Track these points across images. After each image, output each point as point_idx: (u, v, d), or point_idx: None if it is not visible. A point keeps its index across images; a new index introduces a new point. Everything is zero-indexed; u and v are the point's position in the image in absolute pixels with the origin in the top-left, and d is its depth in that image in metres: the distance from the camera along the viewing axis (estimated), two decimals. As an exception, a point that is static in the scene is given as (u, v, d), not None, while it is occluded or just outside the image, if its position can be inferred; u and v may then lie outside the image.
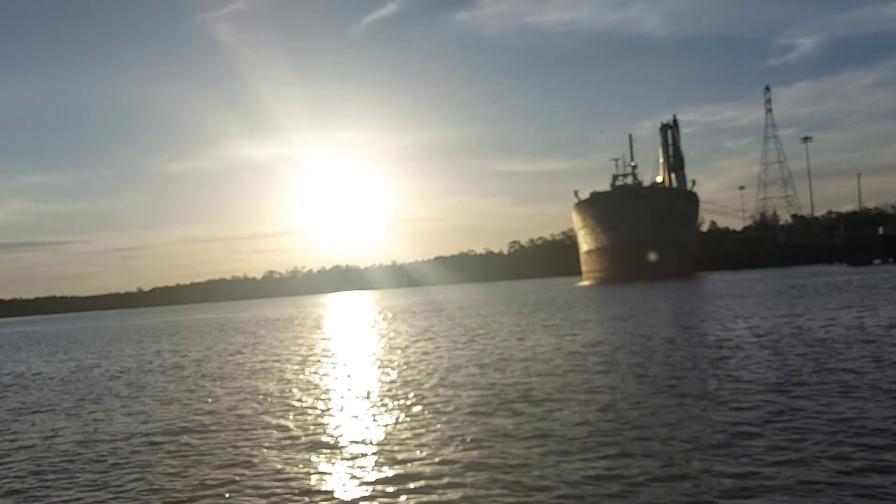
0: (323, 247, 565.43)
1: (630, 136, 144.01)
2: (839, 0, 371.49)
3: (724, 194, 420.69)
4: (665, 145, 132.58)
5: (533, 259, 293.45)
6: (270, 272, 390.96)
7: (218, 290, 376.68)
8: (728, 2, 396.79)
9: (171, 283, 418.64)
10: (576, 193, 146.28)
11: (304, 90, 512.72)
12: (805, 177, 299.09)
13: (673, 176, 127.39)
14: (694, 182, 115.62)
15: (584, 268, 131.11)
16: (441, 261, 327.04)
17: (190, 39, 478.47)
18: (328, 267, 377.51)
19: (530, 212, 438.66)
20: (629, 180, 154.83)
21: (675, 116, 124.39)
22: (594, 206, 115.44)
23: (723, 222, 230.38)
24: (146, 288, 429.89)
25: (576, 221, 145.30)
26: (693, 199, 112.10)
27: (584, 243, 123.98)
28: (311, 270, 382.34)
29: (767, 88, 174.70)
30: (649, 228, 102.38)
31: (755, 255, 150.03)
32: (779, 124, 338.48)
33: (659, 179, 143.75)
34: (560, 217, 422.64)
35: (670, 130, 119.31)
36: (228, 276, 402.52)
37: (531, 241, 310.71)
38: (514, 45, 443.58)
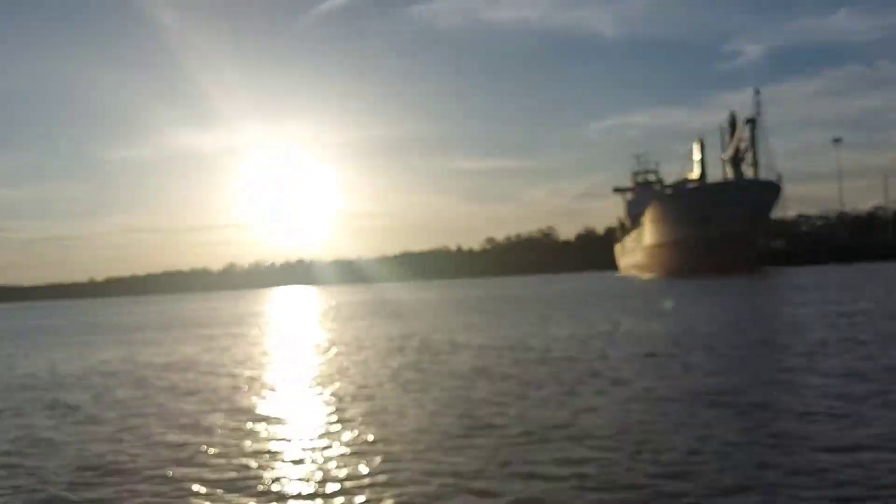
0: (269, 240, 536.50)
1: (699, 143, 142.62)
2: (786, 9, 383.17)
3: None
4: (737, 138, 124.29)
5: (513, 256, 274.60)
6: (231, 264, 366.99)
7: (174, 282, 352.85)
8: (680, 6, 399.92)
9: (125, 274, 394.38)
10: (620, 189, 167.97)
11: (250, 79, 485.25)
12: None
13: (729, 169, 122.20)
14: (780, 176, 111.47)
15: (644, 261, 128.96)
16: (409, 257, 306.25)
17: (131, 23, 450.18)
18: (274, 261, 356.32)
19: (480, 210, 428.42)
20: (651, 177, 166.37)
21: (757, 110, 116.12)
22: (678, 199, 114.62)
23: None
24: (98, 278, 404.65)
25: (624, 216, 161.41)
26: (778, 192, 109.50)
27: (650, 237, 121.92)
28: (255, 264, 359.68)
29: (758, 91, 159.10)
30: (746, 221, 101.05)
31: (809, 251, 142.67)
32: (727, 128, 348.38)
33: (693, 175, 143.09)
34: (515, 215, 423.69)
35: (751, 124, 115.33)
36: (186, 269, 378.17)
37: (507, 238, 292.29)
38: (468, 41, 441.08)
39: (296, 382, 18.59)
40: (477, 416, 12.76)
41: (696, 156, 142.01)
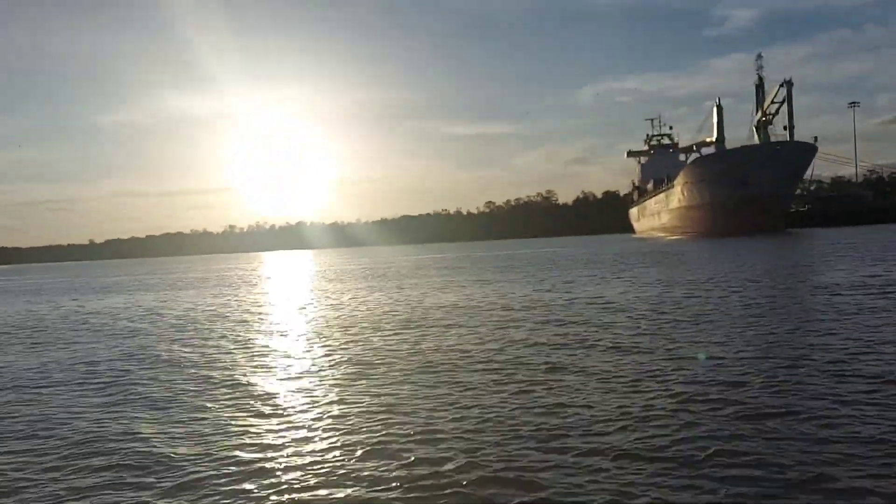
0: (264, 204, 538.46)
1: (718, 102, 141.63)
2: None
3: None
4: (768, 101, 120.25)
5: (513, 219, 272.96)
6: (231, 227, 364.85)
7: (173, 244, 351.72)
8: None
9: (124, 236, 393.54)
10: (634, 153, 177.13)
11: (242, 43, 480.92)
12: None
13: (755, 132, 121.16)
14: (816, 138, 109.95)
15: (673, 223, 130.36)
16: (408, 220, 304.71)
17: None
18: (274, 224, 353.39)
19: (473, 175, 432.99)
20: (665, 140, 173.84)
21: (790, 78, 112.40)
22: (716, 161, 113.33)
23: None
24: (99, 240, 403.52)
25: (639, 179, 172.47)
26: (814, 153, 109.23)
27: (681, 198, 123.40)
28: (254, 226, 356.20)
29: (759, 56, 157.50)
30: (784, 183, 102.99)
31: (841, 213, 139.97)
32: (713, 95, 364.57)
33: (710, 139, 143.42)
34: (509, 179, 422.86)
35: (788, 86, 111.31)
36: (186, 231, 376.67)
37: (507, 201, 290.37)
38: (460, 5, 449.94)
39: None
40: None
41: (714, 118, 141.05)
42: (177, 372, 14.60)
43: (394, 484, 7.63)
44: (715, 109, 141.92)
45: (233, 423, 10.27)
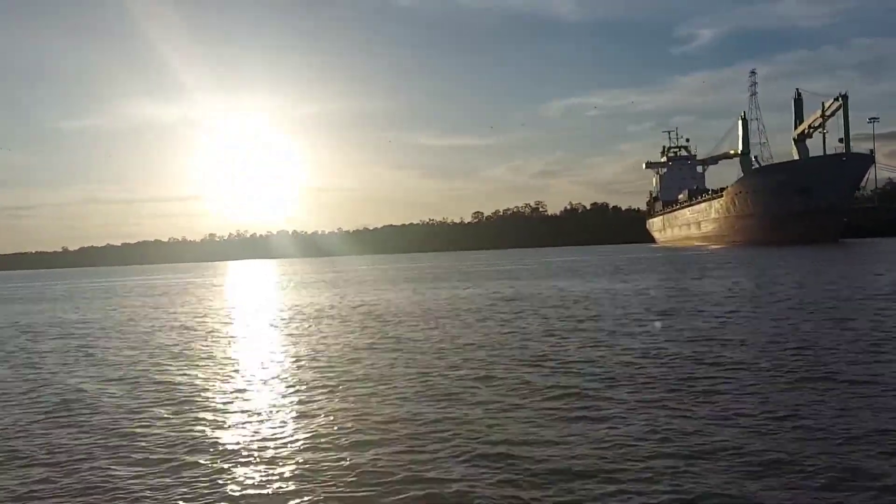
0: (229, 213, 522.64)
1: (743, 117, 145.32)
2: None
3: (625, 176, 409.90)
4: (799, 115, 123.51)
5: (501, 230, 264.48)
6: (211, 235, 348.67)
7: (150, 253, 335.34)
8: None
9: (100, 244, 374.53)
10: (652, 164, 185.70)
11: (209, 50, 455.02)
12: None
13: (794, 145, 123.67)
14: (872, 150, 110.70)
15: (718, 232, 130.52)
16: (389, 230, 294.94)
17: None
18: (235, 234, 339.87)
19: (443, 186, 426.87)
20: (683, 152, 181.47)
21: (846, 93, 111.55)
22: (775, 172, 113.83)
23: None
24: (71, 247, 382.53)
25: (657, 189, 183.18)
26: (871, 163, 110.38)
27: (730, 209, 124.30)
28: (216, 237, 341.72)
29: (753, 72, 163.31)
30: (846, 193, 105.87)
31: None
32: (676, 111, 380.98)
33: (734, 151, 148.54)
34: (476, 191, 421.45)
35: (844, 100, 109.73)
36: (162, 238, 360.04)
37: (496, 212, 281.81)
38: (430, 18, 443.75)
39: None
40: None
41: (740, 131, 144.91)
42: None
43: (344, 484, 7.84)
44: (740, 123, 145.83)
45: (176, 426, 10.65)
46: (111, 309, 38.31)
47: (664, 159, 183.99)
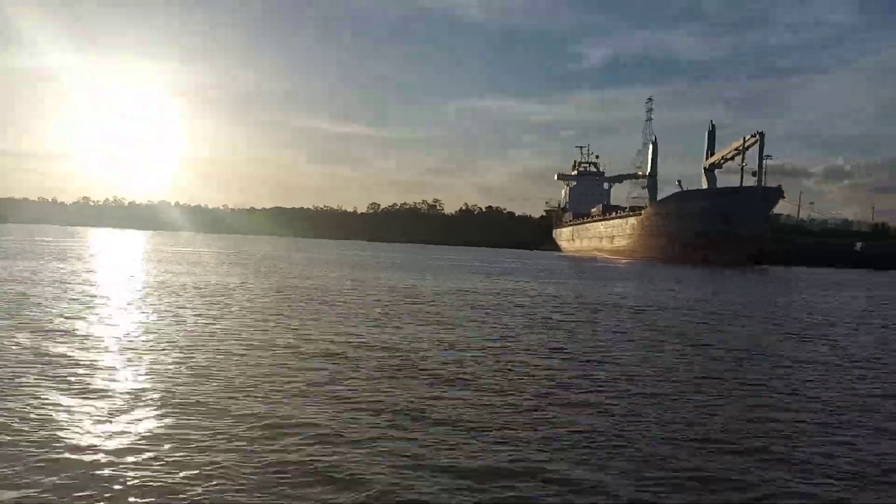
0: (105, 178, 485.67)
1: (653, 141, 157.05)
2: (631, 19, 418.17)
3: (512, 184, 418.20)
4: (711, 146, 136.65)
5: (395, 223, 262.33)
6: (85, 199, 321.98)
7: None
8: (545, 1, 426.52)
9: None
10: (564, 177, 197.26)
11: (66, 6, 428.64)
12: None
13: (704, 174, 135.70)
14: (780, 185, 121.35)
15: (631, 247, 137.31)
16: (279, 211, 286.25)
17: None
18: (111, 200, 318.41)
19: (329, 172, 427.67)
20: (592, 168, 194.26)
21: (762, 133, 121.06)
22: (698, 199, 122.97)
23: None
24: None
25: (565, 201, 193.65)
26: (779, 197, 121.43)
27: (646, 226, 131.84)
28: (91, 201, 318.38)
29: (650, 99, 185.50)
30: (761, 223, 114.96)
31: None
32: (564, 125, 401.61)
33: (642, 172, 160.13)
34: (364, 181, 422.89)
35: (761, 137, 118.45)
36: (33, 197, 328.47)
37: (393, 204, 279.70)
38: (335, 2, 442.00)
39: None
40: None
41: (650, 154, 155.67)
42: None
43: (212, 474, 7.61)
44: (651, 147, 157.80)
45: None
46: None
47: (575, 173, 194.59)
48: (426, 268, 62.25)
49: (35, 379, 11.49)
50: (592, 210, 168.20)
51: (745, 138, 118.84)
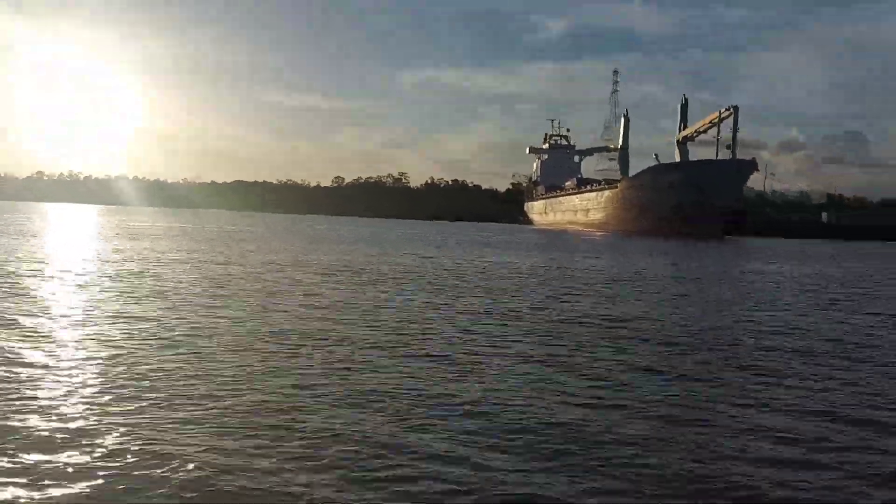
0: (57, 151, 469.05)
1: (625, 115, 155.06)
2: None
3: (473, 158, 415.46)
4: (684, 119, 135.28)
5: (361, 197, 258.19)
6: (39, 173, 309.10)
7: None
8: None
9: None
10: (535, 150, 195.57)
11: None
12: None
13: (677, 147, 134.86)
14: (754, 157, 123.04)
15: (606, 220, 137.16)
16: (239, 185, 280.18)
17: None
18: (66, 174, 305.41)
19: (287, 147, 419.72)
20: (563, 142, 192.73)
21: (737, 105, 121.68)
22: (673, 171, 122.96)
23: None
24: None
25: (538, 174, 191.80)
26: (753, 169, 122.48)
27: (623, 200, 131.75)
28: (45, 175, 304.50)
29: (616, 71, 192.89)
30: (735, 195, 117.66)
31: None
32: (523, 98, 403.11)
33: (614, 145, 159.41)
34: (321, 155, 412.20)
35: (735, 111, 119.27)
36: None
37: (358, 178, 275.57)
38: None
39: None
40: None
41: (622, 128, 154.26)
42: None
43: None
44: (623, 120, 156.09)
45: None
46: None
47: (546, 146, 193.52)
48: (443, 242, 61.62)
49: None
50: (566, 184, 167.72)
51: (720, 111, 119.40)
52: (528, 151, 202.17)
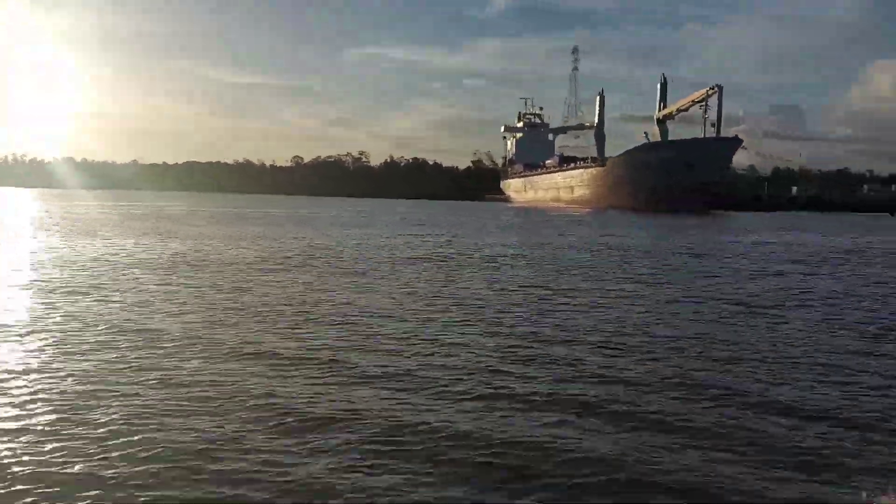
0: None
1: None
2: None
3: (423, 136, 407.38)
4: (664, 98, 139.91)
5: (321, 177, 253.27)
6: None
7: None
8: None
9: None
10: (510, 129, 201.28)
11: None
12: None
13: (656, 125, 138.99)
14: (737, 135, 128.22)
15: (592, 197, 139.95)
16: (197, 167, 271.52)
17: None
18: (11, 158, 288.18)
19: (231, 124, 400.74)
20: (536, 120, 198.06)
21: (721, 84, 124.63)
22: (664, 149, 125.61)
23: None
24: None
25: (513, 152, 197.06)
26: (738, 147, 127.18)
27: (611, 176, 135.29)
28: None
29: (576, 48, 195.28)
30: (721, 172, 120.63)
31: None
32: (468, 74, 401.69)
33: (590, 123, 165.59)
34: (267, 133, 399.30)
35: (720, 89, 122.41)
36: None
37: (317, 158, 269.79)
38: None
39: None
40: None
41: (597, 107, 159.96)
42: None
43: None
44: (598, 98, 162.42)
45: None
46: None
47: (521, 124, 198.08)
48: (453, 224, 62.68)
49: None
50: (547, 161, 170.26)
51: (707, 91, 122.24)
52: (502, 130, 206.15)
